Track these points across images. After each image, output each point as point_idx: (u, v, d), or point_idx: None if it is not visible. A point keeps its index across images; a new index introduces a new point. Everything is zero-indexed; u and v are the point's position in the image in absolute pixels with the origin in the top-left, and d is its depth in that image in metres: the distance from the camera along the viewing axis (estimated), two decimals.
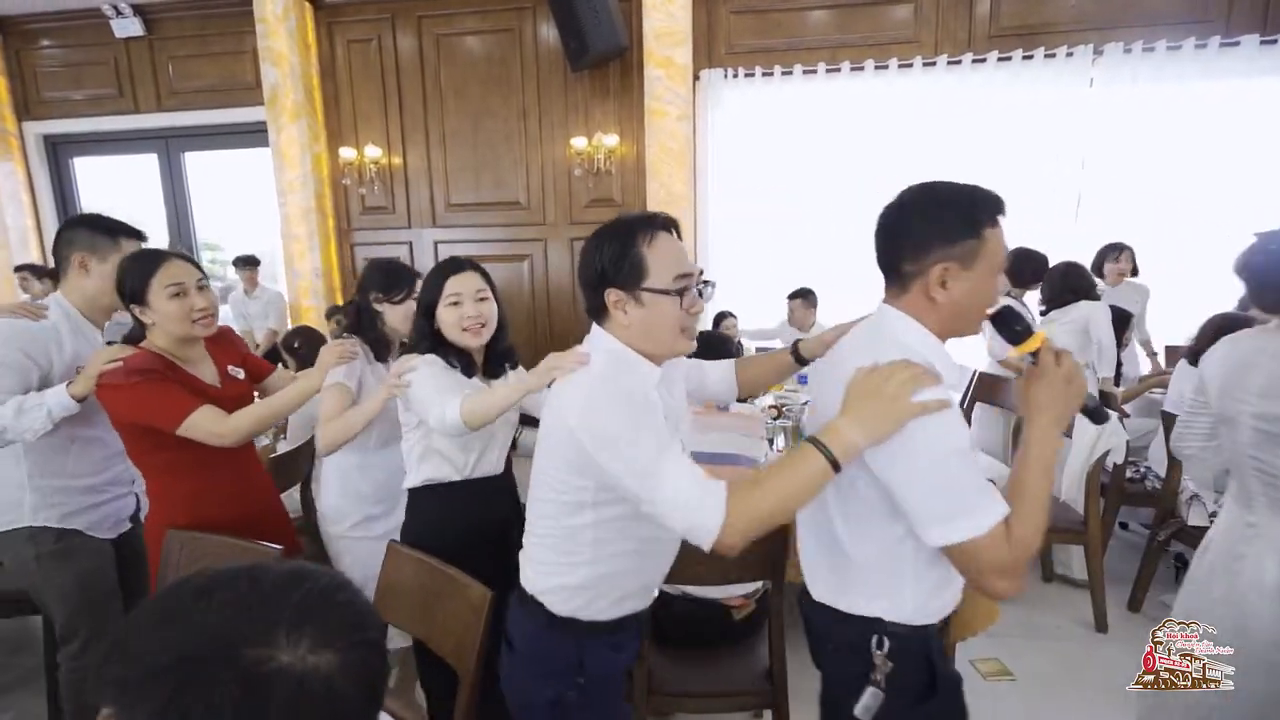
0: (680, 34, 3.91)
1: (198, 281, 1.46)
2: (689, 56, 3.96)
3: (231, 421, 1.42)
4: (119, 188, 5.09)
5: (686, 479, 0.88)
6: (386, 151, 4.48)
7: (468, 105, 4.39)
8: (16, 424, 1.41)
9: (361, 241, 4.69)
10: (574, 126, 4.27)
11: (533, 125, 4.34)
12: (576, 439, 0.93)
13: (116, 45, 4.61)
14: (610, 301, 1.00)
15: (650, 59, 3.95)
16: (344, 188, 4.55)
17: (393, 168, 4.52)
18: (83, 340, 1.57)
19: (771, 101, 4.04)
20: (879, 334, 0.98)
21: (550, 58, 4.24)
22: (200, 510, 1.47)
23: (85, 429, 1.55)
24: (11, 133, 4.83)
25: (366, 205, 4.60)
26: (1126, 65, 3.66)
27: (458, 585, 1.18)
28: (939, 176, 0.96)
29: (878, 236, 0.99)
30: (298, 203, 4.40)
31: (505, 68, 4.31)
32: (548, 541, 1.05)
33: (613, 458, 0.90)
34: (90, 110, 4.78)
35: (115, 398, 1.39)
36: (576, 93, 4.26)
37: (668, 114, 4.00)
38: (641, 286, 0.97)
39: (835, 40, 3.97)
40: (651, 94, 3.99)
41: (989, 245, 0.91)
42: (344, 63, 4.45)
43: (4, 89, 4.78)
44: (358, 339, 1.66)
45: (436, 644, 1.20)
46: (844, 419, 0.87)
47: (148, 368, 1.39)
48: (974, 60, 3.78)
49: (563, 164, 4.34)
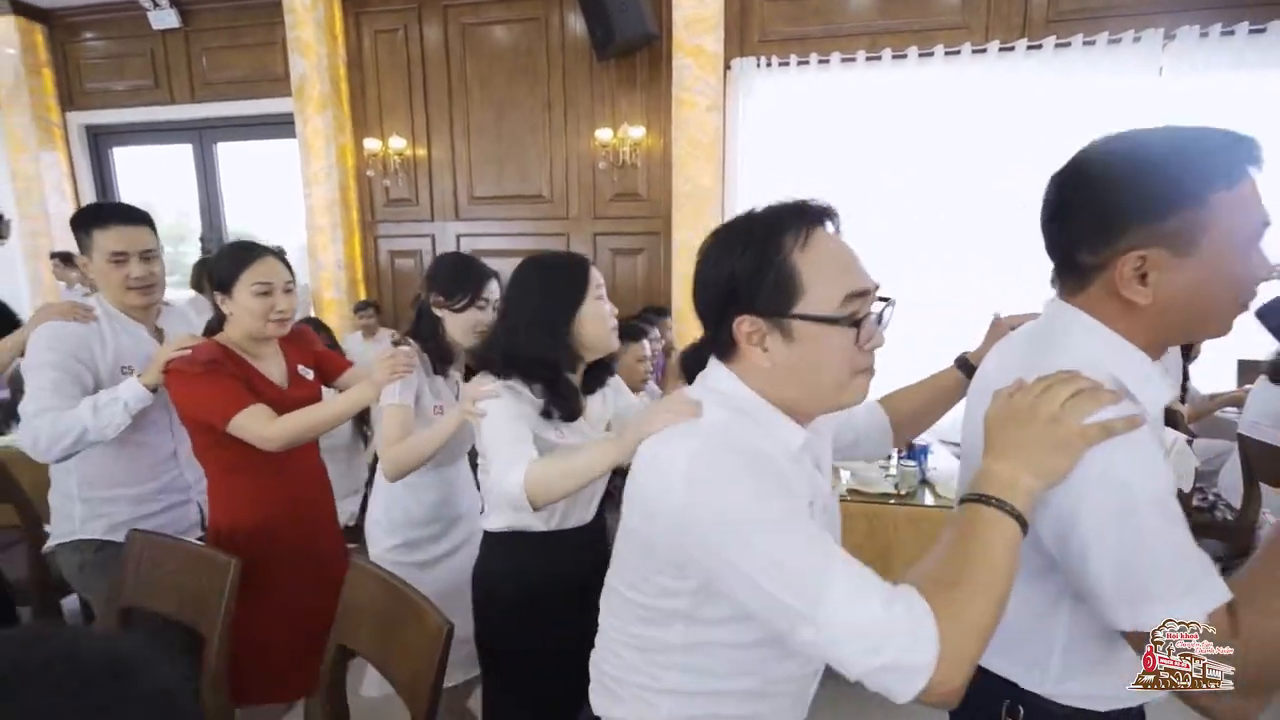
0: (711, 21, 3.74)
1: (285, 284, 1.44)
2: (720, 44, 3.78)
3: (277, 426, 1.34)
4: (155, 177, 5.18)
5: (868, 589, 0.59)
6: (411, 143, 4.43)
7: (492, 96, 4.30)
8: (96, 422, 1.37)
9: (385, 234, 4.66)
10: (599, 118, 4.14)
11: (557, 117, 4.23)
12: (679, 522, 0.65)
13: (154, 37, 4.68)
14: (741, 333, 0.71)
15: (679, 48, 3.79)
16: (368, 179, 4.52)
17: (417, 159, 4.47)
18: (126, 338, 1.52)
19: (806, 92, 3.83)
20: (1047, 342, 0.74)
21: (577, 47, 4.12)
22: (261, 516, 1.43)
23: (134, 433, 1.48)
24: (55, 123, 4.95)
25: (390, 197, 4.56)
26: (1201, 51, 3.33)
27: (418, 612, 1.05)
28: (986, 174, 0.76)
29: (1043, 213, 0.75)
30: (322, 194, 4.38)
31: (531, 58, 4.20)
32: (625, 655, 0.78)
33: (740, 554, 0.62)
34: (129, 101, 4.87)
35: (178, 385, 1.36)
36: (603, 83, 4.13)
37: (697, 104, 3.83)
38: (793, 312, 0.68)
39: (877, 26, 3.74)
40: (680, 84, 3.83)
41: (1222, 215, 0.62)
42: (370, 53, 4.41)
43: (50, 81, 4.90)
44: (416, 348, 1.46)
45: (393, 673, 1.08)
46: (1002, 461, 0.63)
47: (211, 359, 1.36)
48: (1029, 47, 3.50)
49: (587, 156, 4.21)
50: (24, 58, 4.72)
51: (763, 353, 0.71)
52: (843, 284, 0.69)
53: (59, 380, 1.39)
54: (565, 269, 1.20)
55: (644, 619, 0.75)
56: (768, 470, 0.66)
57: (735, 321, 0.71)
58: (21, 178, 4.87)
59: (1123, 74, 3.41)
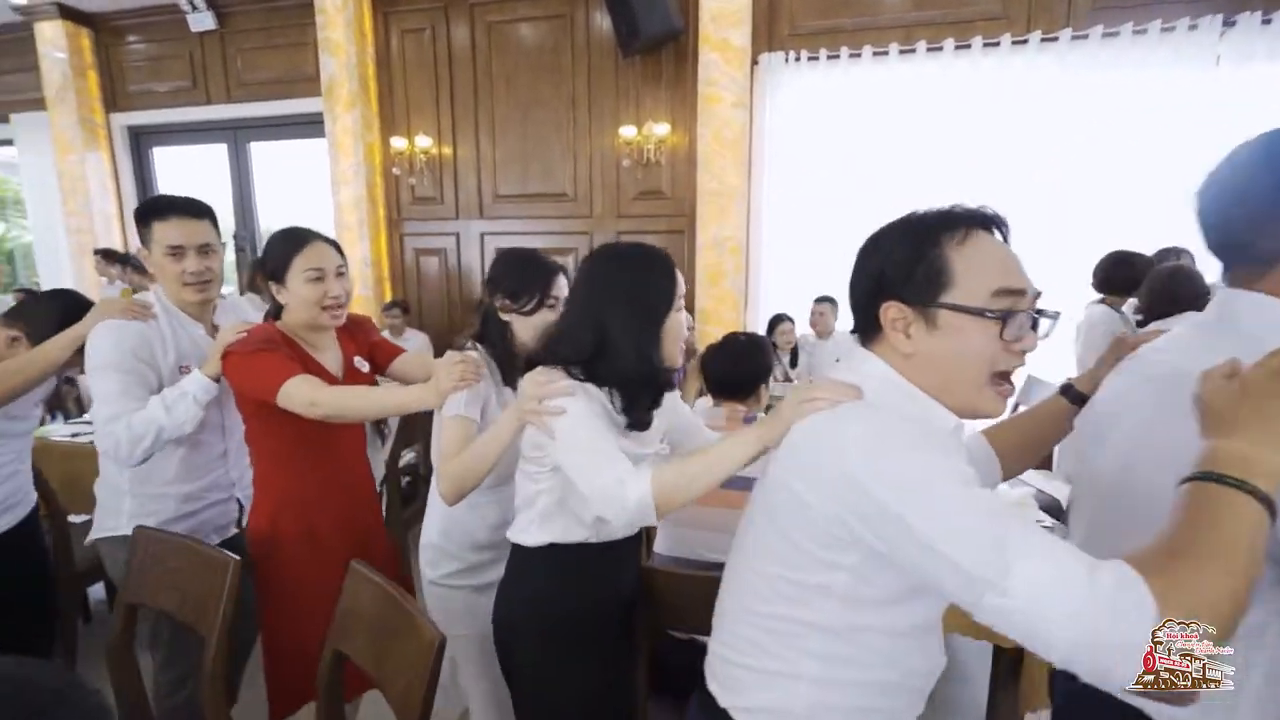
0: (739, 15, 3.66)
1: (337, 268, 1.39)
2: (747, 39, 3.70)
3: (327, 392, 1.27)
4: (192, 176, 5.32)
5: (1064, 556, 0.55)
6: (437, 141, 4.45)
7: (517, 94, 4.29)
8: (171, 420, 1.35)
9: (410, 232, 4.70)
10: (624, 115, 4.09)
11: (582, 115, 4.20)
12: (853, 487, 0.64)
13: (192, 40, 4.80)
14: (887, 318, 0.72)
15: (706, 42, 3.72)
16: (394, 178, 4.55)
17: (442, 158, 4.49)
18: (185, 338, 1.49)
19: (837, 87, 3.72)
20: (1231, 328, 0.72)
21: (602, 44, 4.08)
22: (305, 520, 1.38)
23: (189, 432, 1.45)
24: (100, 124, 5.12)
25: (416, 195, 4.59)
26: (1263, 40, 3.12)
27: (412, 623, 1.01)
28: (1026, 172, 0.71)
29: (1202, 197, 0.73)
30: (350, 193, 4.44)
31: (556, 55, 4.18)
32: (756, 638, 0.76)
33: (920, 519, 0.60)
34: (168, 102, 5.01)
35: (233, 367, 1.33)
36: (627, 80, 4.08)
37: (722, 100, 3.75)
38: (939, 300, 0.69)
39: (911, 18, 3.61)
40: (706, 79, 3.75)
41: None
42: (398, 53, 4.45)
43: (95, 83, 5.07)
44: (483, 355, 1.31)
45: (386, 684, 1.04)
46: (1237, 438, 0.56)
47: (267, 338, 1.33)
48: (1074, 37, 3.33)
49: (611, 154, 4.17)
50: (71, 61, 4.89)
51: (905, 339, 0.71)
52: (994, 279, 0.68)
53: (126, 383, 1.37)
54: (652, 271, 1.06)
55: (789, 597, 0.72)
56: (939, 440, 0.67)
57: (882, 306, 0.72)
58: (68, 177, 5.04)
59: (1176, 65, 3.22)
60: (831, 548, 0.68)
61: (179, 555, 1.27)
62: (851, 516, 0.65)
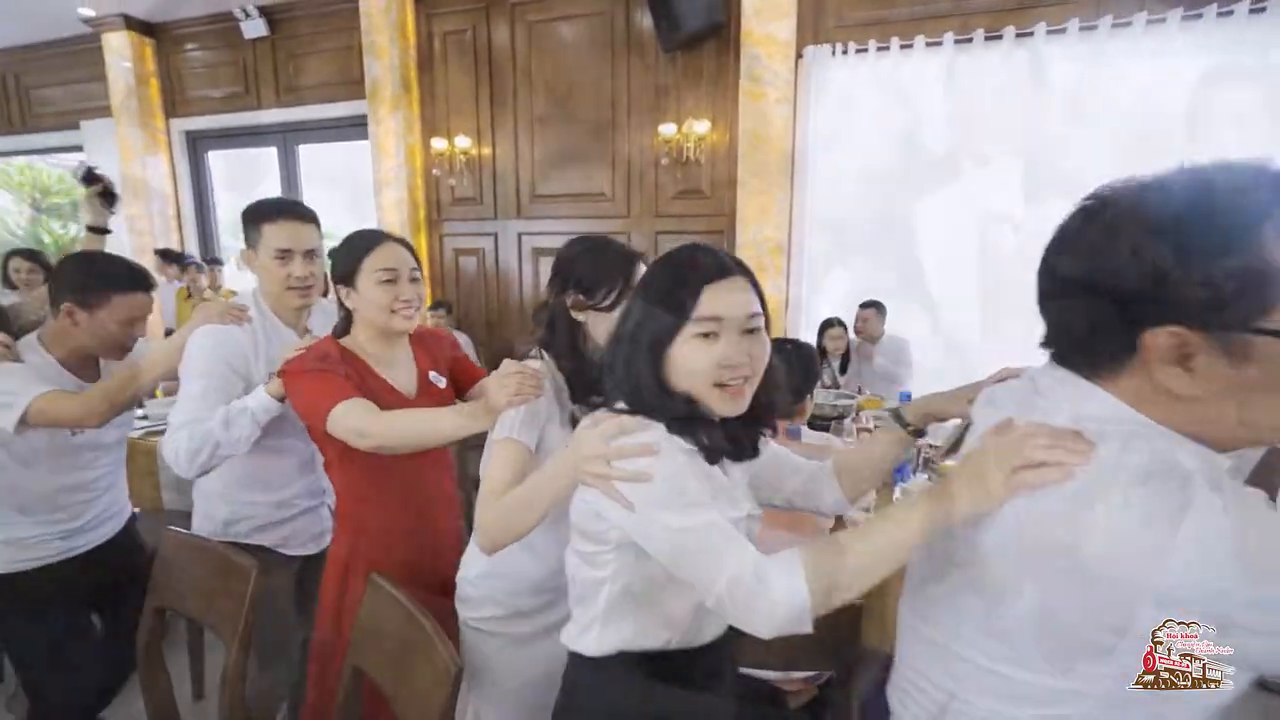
0: (784, 7, 3.53)
1: (411, 270, 1.30)
2: (792, 32, 3.57)
3: (380, 420, 1.14)
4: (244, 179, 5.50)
5: None
6: (476, 142, 4.46)
7: (556, 95, 4.26)
8: (228, 435, 1.29)
9: (449, 232, 4.73)
10: (663, 113, 4.01)
11: (621, 113, 4.14)
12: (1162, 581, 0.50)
13: (245, 47, 4.95)
14: (1155, 346, 0.54)
15: (748, 36, 3.61)
16: (435, 179, 4.59)
17: (481, 158, 4.50)
18: (276, 342, 1.43)
19: (886, 80, 3.55)
20: None
21: (642, 41, 4.01)
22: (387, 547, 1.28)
23: (275, 438, 1.40)
24: (160, 130, 5.34)
25: (455, 196, 4.62)
26: None
27: (431, 646, 0.96)
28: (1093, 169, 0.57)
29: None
30: (392, 194, 4.49)
31: (596, 53, 4.13)
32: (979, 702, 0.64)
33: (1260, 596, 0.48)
34: (223, 108, 5.18)
35: (290, 387, 1.24)
36: (667, 77, 4.00)
37: (765, 96, 3.63)
38: (1258, 325, 0.50)
39: (966, 6, 3.42)
40: (748, 75, 3.64)
41: None
42: (440, 54, 4.48)
43: (155, 90, 5.29)
44: (548, 366, 1.11)
45: (402, 709, 1.00)
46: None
47: (324, 355, 1.23)
48: (1149, 21, 3.08)
49: (649, 153, 4.10)
50: (135, 69, 5.11)
51: (1183, 374, 0.53)
52: None
53: (207, 389, 1.32)
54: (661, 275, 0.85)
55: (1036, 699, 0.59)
56: (1227, 482, 0.52)
57: (1149, 332, 0.54)
58: (130, 181, 5.27)
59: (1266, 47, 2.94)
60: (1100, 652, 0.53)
61: (202, 560, 1.26)
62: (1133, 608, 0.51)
